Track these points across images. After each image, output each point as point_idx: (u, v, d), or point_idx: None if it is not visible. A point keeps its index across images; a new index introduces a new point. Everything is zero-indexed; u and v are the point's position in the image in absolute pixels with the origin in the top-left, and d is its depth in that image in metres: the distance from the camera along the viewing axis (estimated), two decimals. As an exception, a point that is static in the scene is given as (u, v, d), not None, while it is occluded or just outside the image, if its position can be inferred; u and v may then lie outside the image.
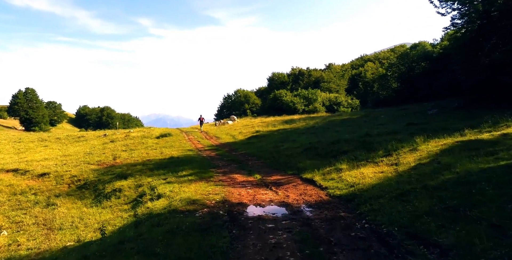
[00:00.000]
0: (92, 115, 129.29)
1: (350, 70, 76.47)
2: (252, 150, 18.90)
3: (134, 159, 17.73)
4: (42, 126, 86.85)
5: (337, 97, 44.50)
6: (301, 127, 23.91)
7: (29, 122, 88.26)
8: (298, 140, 19.00)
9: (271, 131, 24.62)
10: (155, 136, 26.05)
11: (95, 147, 23.15)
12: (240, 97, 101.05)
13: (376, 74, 48.25)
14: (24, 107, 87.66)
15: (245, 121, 33.04)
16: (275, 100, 47.07)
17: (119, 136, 27.09)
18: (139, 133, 28.37)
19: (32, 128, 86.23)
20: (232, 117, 36.08)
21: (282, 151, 16.82)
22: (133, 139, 25.60)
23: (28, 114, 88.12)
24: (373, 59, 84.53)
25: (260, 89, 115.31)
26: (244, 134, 25.37)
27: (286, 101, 43.42)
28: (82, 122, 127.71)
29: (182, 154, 18.47)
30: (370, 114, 24.74)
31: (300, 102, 42.87)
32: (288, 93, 47.71)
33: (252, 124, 29.53)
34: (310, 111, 41.71)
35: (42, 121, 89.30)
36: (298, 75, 69.06)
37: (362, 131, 18.37)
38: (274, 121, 28.90)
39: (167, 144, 22.38)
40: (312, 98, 43.85)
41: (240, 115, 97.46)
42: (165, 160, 16.94)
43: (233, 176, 12.55)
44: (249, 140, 22.82)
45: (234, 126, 30.24)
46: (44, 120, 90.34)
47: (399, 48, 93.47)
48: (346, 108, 41.92)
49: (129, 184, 12.64)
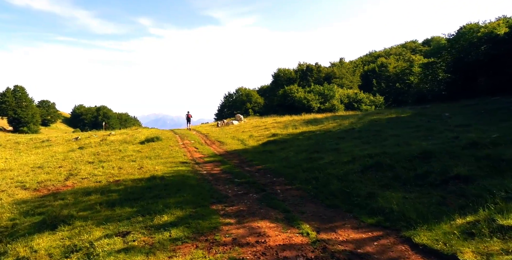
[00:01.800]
0: (88, 115, 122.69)
1: (361, 66, 70.11)
2: (274, 163, 12.50)
3: (96, 179, 11.34)
4: (31, 126, 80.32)
5: (357, 94, 38.10)
6: (333, 130, 17.47)
7: (17, 122, 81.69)
8: (343, 149, 12.59)
9: (293, 134, 18.17)
10: (139, 140, 19.62)
11: (55, 156, 16.73)
12: (242, 96, 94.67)
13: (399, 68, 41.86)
14: (12, 106, 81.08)
15: (254, 121, 26.64)
16: (285, 97, 40.65)
17: (93, 140, 20.63)
18: (120, 136, 21.94)
19: (21, 129, 79.74)
20: (238, 116, 29.72)
21: (324, 168, 10.41)
22: (109, 145, 19.16)
23: (16, 114, 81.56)
24: (384, 55, 78.20)
25: (262, 87, 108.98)
26: (257, 138, 18.93)
27: (299, 98, 37.03)
28: (77, 122, 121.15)
29: (170, 170, 12.06)
30: (424, 112, 18.41)
31: (315, 99, 36.48)
32: (300, 89, 41.32)
33: (265, 125, 23.14)
34: (327, 110, 35.29)
35: (31, 121, 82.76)
36: (306, 71, 62.59)
37: (442, 135, 11.97)
38: (293, 122, 22.46)
39: (152, 153, 16.00)
40: (329, 94, 37.45)
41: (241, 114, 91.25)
42: (142, 181, 10.58)
43: (257, 227, 6.16)
44: (265, 147, 16.39)
45: (241, 128, 23.86)
46: (34, 120, 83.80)
47: (410, 44, 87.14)
48: (368, 106, 35.55)
49: (51, 244, 6.28)
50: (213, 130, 25.11)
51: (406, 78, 38.39)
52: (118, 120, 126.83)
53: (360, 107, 35.40)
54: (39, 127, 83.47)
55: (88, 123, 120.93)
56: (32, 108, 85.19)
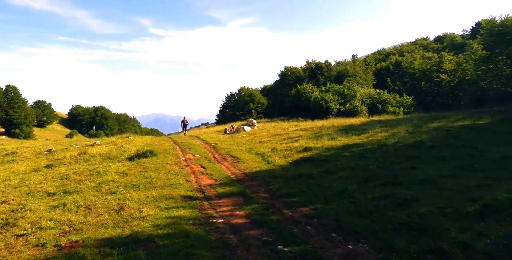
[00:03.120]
0: (85, 116, 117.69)
1: (373, 64, 65.29)
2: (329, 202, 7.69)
3: (38, 240, 6.60)
4: (24, 128, 75.30)
5: (380, 94, 33.26)
6: (389, 143, 12.61)
7: (9, 123, 76.63)
8: (436, 180, 7.73)
9: (333, 147, 13.32)
10: (127, 155, 14.81)
11: (9, 180, 11.83)
12: (244, 96, 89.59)
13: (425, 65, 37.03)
14: (4, 107, 76.09)
15: (271, 128, 21.52)
16: (298, 98, 35.83)
17: (69, 154, 15.78)
18: (106, 147, 17.08)
19: (12, 131, 74.81)
20: (250, 121, 24.53)
21: (439, 229, 5.74)
22: (88, 161, 14.36)
23: (8, 115, 76.49)
24: (395, 53, 73.41)
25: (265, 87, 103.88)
26: (283, 152, 14.05)
27: (315, 98, 32.19)
28: (74, 123, 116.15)
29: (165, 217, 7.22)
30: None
31: (334, 100, 31.64)
32: (315, 89, 36.47)
33: (287, 133, 18.25)
34: (348, 113, 30.46)
35: (25, 123, 77.70)
36: (316, 69, 57.76)
37: None
38: (324, 129, 17.52)
39: (142, 177, 11.23)
40: (349, 94, 32.60)
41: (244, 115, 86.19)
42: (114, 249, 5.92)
43: None
44: (299, 168, 11.54)
45: (256, 136, 18.96)
46: (27, 121, 78.75)
47: (421, 41, 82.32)
48: (395, 108, 30.71)
49: None
50: (221, 138, 20.25)
51: (435, 76, 33.60)
52: (117, 122, 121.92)
53: (385, 109, 30.59)
54: (32, 129, 78.46)
55: (86, 124, 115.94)
56: (25, 109, 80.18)
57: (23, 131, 74.27)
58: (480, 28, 28.30)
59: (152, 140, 20.46)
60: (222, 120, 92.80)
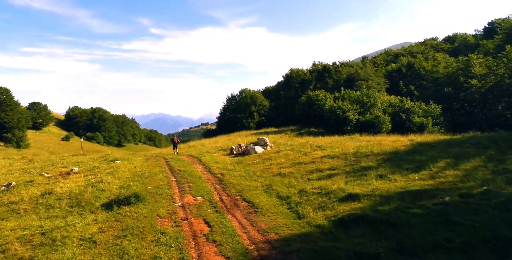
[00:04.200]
0: (83, 118, 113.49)
1: (383, 66, 61.35)
2: None
3: None
4: (16, 132, 71.03)
5: (403, 102, 29.21)
6: (476, 192, 8.73)
7: (1, 127, 72.56)
8: None
9: (391, 195, 9.15)
10: (105, 198, 10.79)
11: None
12: (246, 98, 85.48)
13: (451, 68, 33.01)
14: (-5, 110, 71.94)
15: (287, 149, 16.34)
16: (310, 106, 31.80)
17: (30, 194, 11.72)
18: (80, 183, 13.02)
19: (4, 135, 70.61)
20: (261, 139, 19.60)
21: None
22: (51, 209, 10.25)
23: (0, 118, 72.44)
24: (405, 54, 69.40)
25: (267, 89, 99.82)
26: (316, 197, 9.87)
27: (331, 107, 28.13)
28: (71, 125, 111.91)
29: None
30: None
31: (352, 109, 27.63)
32: (328, 95, 32.45)
33: (311, 158, 13.78)
34: (369, 124, 26.43)
35: (17, 126, 73.48)
36: (323, 71, 53.76)
37: None
38: (360, 157, 13.36)
39: (116, 253, 7.41)
40: (369, 102, 28.60)
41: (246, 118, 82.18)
42: None
43: None
44: (351, 236, 7.43)
45: (273, 163, 14.77)
46: (20, 125, 74.43)
47: (430, 42, 78.19)
48: (422, 118, 26.70)
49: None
50: (227, 164, 16.16)
51: (463, 81, 29.62)
52: (115, 123, 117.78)
53: (411, 120, 26.60)
54: (25, 134, 74.24)
55: (83, 126, 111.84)
56: (18, 112, 75.94)
57: (15, 135, 70.08)
58: (497, 28, 24.59)
59: (143, 165, 16.40)
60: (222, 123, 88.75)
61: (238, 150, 19.20)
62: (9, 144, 68.55)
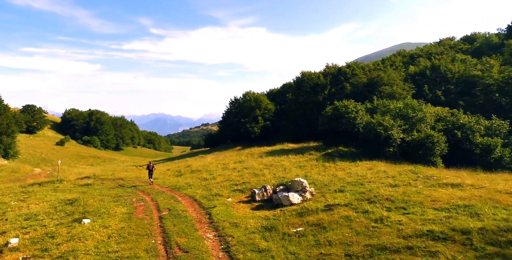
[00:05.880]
0: (79, 120, 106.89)
1: (402, 68, 55.25)
2: None
3: None
4: (4, 139, 64.69)
5: (456, 115, 23.14)
6: None
7: (-12, 133, 66.29)
8: None
9: None
10: None
11: None
12: (250, 101, 79.19)
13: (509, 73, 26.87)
14: (-18, 115, 65.56)
15: (348, 206, 11.08)
16: (337, 119, 25.64)
17: None
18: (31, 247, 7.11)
19: (-10, 142, 64.27)
20: (296, 182, 11.96)
21: None
22: None
23: (-13, 124, 66.13)
24: (422, 55, 63.31)
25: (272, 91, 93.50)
26: None
27: (369, 123, 22.03)
28: (67, 129, 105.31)
29: None
30: None
31: (395, 126, 21.58)
32: (359, 106, 26.32)
33: (397, 232, 8.35)
34: (418, 145, 20.33)
35: (6, 132, 67.10)
36: (338, 74, 47.61)
37: None
38: (478, 241, 7.64)
39: None
40: (415, 117, 22.54)
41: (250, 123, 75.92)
42: None
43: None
44: None
45: (335, 240, 8.80)
46: (9, 130, 68.08)
47: (447, 41, 72.25)
48: (487, 137, 20.66)
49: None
50: (253, 231, 9.86)
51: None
52: (113, 126, 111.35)
53: (472, 140, 20.60)
54: (14, 140, 67.80)
55: (79, 130, 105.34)
56: (7, 117, 69.44)
57: (3, 142, 63.75)
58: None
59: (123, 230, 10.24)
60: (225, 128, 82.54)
61: (262, 196, 13.11)
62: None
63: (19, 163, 60.16)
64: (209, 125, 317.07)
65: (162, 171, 26.23)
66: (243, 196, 14.22)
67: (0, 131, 66.05)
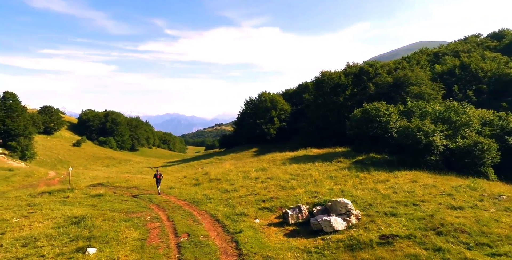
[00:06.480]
0: (95, 121, 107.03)
1: (427, 67, 52.11)
2: None
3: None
4: (22, 141, 64.59)
5: (506, 119, 20.46)
6: None
7: (7, 134, 66.21)
8: None
9: None
10: None
11: None
12: (266, 102, 77.06)
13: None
14: (0, 116, 65.62)
15: (412, 241, 8.88)
16: (367, 122, 23.30)
17: None
18: None
19: (9, 144, 64.28)
20: (338, 204, 9.16)
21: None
22: None
23: (5, 125, 65.82)
24: (448, 53, 59.87)
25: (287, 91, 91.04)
26: None
27: (406, 128, 19.64)
28: (84, 129, 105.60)
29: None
30: None
31: (437, 131, 19.12)
32: (392, 109, 23.87)
33: None
34: (463, 153, 17.83)
35: (23, 134, 66.93)
36: (360, 74, 44.98)
37: None
38: None
39: None
40: (459, 121, 20.02)
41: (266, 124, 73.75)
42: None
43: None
44: None
45: None
46: (27, 132, 67.98)
47: (473, 38, 68.40)
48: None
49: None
50: None
51: None
52: (128, 127, 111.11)
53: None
54: (31, 142, 67.78)
55: (96, 130, 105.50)
56: (25, 119, 69.47)
57: (20, 144, 63.65)
58: None
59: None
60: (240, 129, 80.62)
61: (297, 218, 11.00)
62: (14, 153, 62.13)
63: (35, 165, 59.77)
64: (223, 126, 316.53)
65: (178, 178, 24.43)
66: (273, 216, 12.14)
67: (18, 132, 66.09)
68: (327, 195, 13.95)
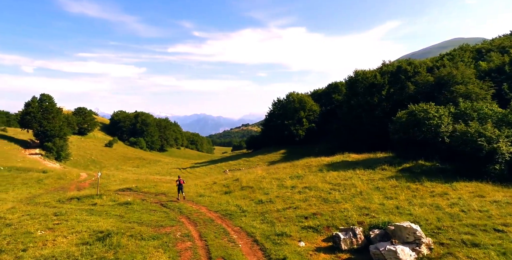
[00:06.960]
0: (126, 122, 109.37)
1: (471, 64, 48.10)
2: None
3: None
4: (57, 141, 66.49)
5: None
6: None
7: (43, 135, 68.50)
8: None
9: None
10: None
11: None
12: (294, 102, 74.84)
13: None
14: (37, 117, 67.90)
15: None
16: (415, 125, 20.94)
17: None
18: None
19: (45, 144, 66.39)
20: (402, 228, 8.07)
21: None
22: None
23: (42, 126, 68.15)
24: (493, 49, 55.21)
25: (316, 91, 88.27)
26: None
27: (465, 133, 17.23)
28: (115, 130, 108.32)
29: None
30: None
31: (502, 137, 16.61)
32: (442, 111, 21.34)
33: None
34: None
35: (58, 135, 68.88)
36: (397, 73, 42.05)
37: None
38: None
39: None
40: (526, 125, 17.33)
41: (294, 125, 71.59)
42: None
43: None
44: None
45: None
46: (62, 133, 69.95)
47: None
48: None
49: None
50: None
51: None
52: (157, 128, 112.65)
53: None
54: (66, 142, 69.65)
55: (126, 131, 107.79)
56: (60, 120, 71.56)
57: (56, 144, 65.53)
58: None
59: None
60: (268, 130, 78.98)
61: (351, 243, 9.23)
62: (50, 153, 64.03)
63: (69, 165, 61.20)
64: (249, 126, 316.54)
65: (208, 183, 23.19)
66: (320, 239, 10.41)
67: (54, 133, 68.13)
68: (380, 211, 12.02)
